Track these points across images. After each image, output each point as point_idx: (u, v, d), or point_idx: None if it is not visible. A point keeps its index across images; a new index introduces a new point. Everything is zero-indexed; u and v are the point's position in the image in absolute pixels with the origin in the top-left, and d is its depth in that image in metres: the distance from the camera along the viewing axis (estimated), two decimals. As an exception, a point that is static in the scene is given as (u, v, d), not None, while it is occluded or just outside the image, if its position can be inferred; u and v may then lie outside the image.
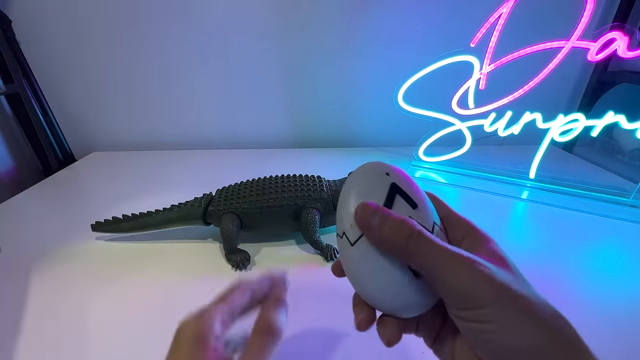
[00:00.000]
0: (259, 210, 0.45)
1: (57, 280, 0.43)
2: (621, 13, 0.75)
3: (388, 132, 0.91)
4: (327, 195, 0.47)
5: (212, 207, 0.47)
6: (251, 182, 0.49)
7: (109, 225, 0.49)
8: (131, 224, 0.48)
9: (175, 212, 0.48)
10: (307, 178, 0.49)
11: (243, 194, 0.47)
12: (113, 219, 0.49)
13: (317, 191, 0.47)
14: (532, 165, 0.67)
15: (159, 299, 0.40)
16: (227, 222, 0.45)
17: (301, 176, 0.49)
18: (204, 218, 0.48)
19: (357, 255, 0.20)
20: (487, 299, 0.16)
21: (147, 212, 0.49)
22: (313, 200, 0.46)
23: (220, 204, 0.47)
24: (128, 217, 0.49)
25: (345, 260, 0.21)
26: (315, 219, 0.45)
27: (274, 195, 0.46)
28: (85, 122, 0.87)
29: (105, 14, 0.74)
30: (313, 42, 0.79)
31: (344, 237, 0.21)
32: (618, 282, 0.43)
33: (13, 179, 0.78)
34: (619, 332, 0.35)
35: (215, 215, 0.47)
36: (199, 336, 0.20)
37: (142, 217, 0.48)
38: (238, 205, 0.46)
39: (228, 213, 0.46)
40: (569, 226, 0.55)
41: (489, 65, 0.62)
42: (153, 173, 0.75)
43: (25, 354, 0.33)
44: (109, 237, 0.51)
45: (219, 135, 0.91)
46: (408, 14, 0.77)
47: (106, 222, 0.49)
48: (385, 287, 0.19)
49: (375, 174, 0.21)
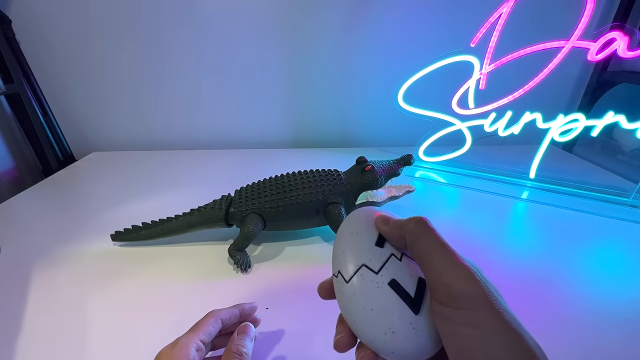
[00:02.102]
0: (281, 208, 0.45)
1: (57, 281, 0.43)
2: (621, 13, 0.75)
3: (388, 132, 0.91)
4: (346, 188, 0.47)
5: (234, 208, 0.47)
6: (269, 180, 0.49)
7: (129, 234, 0.48)
8: (151, 231, 0.47)
9: (195, 216, 0.47)
10: (325, 173, 0.49)
11: (264, 193, 0.46)
12: (132, 227, 0.48)
13: (337, 185, 0.47)
14: (532, 165, 0.67)
15: (164, 300, 0.40)
16: (250, 223, 0.45)
17: (318, 171, 0.49)
18: (226, 220, 0.47)
19: (352, 292, 0.20)
20: (479, 304, 0.16)
21: (167, 218, 0.48)
22: (334, 194, 0.46)
23: (242, 205, 0.46)
24: (147, 225, 0.48)
25: (341, 299, 0.21)
26: (342, 213, 0.46)
27: (296, 192, 0.45)
28: (85, 122, 0.87)
29: (106, 14, 0.74)
30: (313, 42, 0.79)
31: (339, 275, 0.21)
32: (618, 282, 0.43)
33: (13, 179, 0.78)
34: (619, 332, 0.35)
35: (237, 217, 0.46)
36: None
37: (162, 224, 0.47)
38: (260, 204, 0.45)
39: (252, 214, 0.46)
40: (569, 226, 0.55)
41: (489, 65, 0.62)
42: (153, 173, 0.75)
43: (25, 353, 0.33)
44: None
45: (219, 136, 0.91)
46: (408, 14, 0.77)
47: (126, 232, 0.48)
48: (380, 323, 0.19)
49: (367, 217, 0.23)
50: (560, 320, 0.37)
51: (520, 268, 0.45)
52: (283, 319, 0.36)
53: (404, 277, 0.20)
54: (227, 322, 0.29)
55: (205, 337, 0.27)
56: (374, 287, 0.20)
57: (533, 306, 0.39)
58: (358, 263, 0.21)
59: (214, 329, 0.28)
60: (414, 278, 0.20)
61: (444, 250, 0.18)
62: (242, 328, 0.29)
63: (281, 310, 0.37)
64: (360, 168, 0.48)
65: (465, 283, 0.16)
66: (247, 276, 0.43)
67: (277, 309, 0.38)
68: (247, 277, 0.43)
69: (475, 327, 0.15)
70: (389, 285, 0.19)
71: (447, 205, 0.62)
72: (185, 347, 0.25)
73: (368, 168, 0.48)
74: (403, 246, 0.21)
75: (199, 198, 0.51)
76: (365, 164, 0.49)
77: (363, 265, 0.20)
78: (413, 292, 0.19)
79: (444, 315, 0.17)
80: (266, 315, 0.35)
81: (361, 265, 0.20)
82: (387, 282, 0.20)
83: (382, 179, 0.48)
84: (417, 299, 0.19)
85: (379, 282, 0.20)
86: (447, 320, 0.17)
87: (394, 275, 0.20)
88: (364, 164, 0.49)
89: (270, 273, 0.44)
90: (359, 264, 0.21)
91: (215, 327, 0.28)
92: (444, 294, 0.17)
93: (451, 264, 0.17)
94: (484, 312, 0.16)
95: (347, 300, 0.20)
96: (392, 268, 0.20)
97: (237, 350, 0.27)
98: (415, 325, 0.18)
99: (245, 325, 0.30)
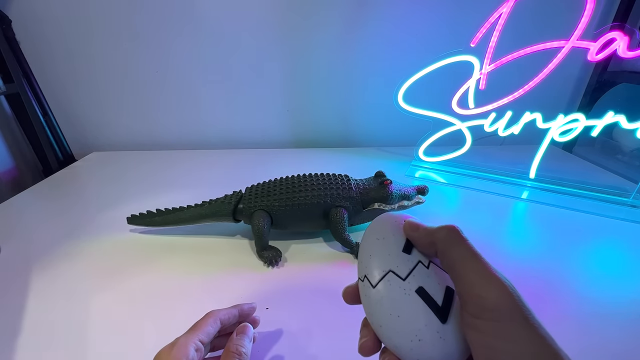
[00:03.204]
0: (289, 207, 0.46)
1: (57, 280, 0.43)
2: (621, 13, 0.75)
3: (388, 132, 0.91)
4: (355, 194, 0.48)
5: (243, 204, 0.48)
6: (280, 180, 0.50)
7: (143, 218, 0.50)
8: (163, 218, 0.50)
9: (205, 208, 0.49)
10: (335, 177, 0.49)
11: (273, 192, 0.47)
12: (147, 212, 0.50)
13: (346, 190, 0.47)
14: (532, 165, 0.67)
15: (165, 298, 0.40)
16: (258, 220, 0.46)
17: (329, 175, 0.50)
18: (234, 215, 0.48)
19: (378, 297, 0.20)
20: (514, 317, 0.16)
21: (180, 207, 0.50)
22: (342, 198, 0.47)
23: (251, 202, 0.47)
24: (161, 211, 0.50)
25: (367, 303, 0.21)
26: (344, 217, 0.46)
27: (304, 193, 0.46)
28: (85, 122, 0.87)
29: (106, 14, 0.74)
30: (313, 41, 0.79)
31: (365, 280, 0.21)
32: (618, 282, 0.43)
33: (13, 179, 0.78)
34: (619, 332, 0.35)
35: (245, 213, 0.48)
36: None
37: (174, 212, 0.50)
38: (268, 202, 0.46)
39: (259, 210, 0.47)
40: (569, 226, 0.55)
41: (489, 65, 0.62)
42: (153, 173, 0.75)
43: (25, 353, 0.33)
44: (109, 236, 0.51)
45: (219, 136, 0.91)
46: (408, 13, 0.76)
47: (140, 216, 0.51)
48: (406, 330, 0.19)
49: (395, 222, 0.23)
50: (560, 320, 0.37)
51: (520, 268, 0.45)
52: (283, 319, 0.36)
53: (432, 285, 0.20)
54: (226, 322, 0.29)
55: (204, 337, 0.27)
56: (401, 293, 0.20)
57: (533, 306, 0.38)
58: (385, 268, 0.21)
59: (213, 329, 0.28)
60: (441, 286, 0.20)
61: (476, 261, 0.18)
62: (241, 328, 0.30)
63: (282, 310, 0.37)
64: (378, 181, 0.49)
65: (499, 296, 0.16)
66: (248, 275, 0.43)
67: (278, 309, 0.38)
68: (248, 276, 0.43)
69: (509, 340, 0.15)
70: (416, 293, 0.19)
71: (447, 205, 0.62)
72: (184, 347, 0.25)
73: (386, 182, 0.49)
74: (432, 254, 0.21)
75: (199, 198, 0.51)
76: (385, 178, 0.49)
77: (390, 271, 0.20)
78: (440, 300, 0.19)
79: (475, 326, 0.17)
80: (266, 315, 0.35)
81: (388, 271, 0.21)
82: (414, 289, 0.20)
83: (395, 196, 0.49)
84: (444, 307, 0.19)
85: (406, 289, 0.20)
86: (479, 331, 0.17)
87: (421, 283, 0.20)
88: (383, 177, 0.50)
89: (274, 273, 0.44)
90: (386, 270, 0.21)
91: (214, 328, 0.28)
92: (477, 305, 0.17)
93: (484, 275, 0.17)
94: (519, 326, 0.15)
95: (373, 305, 0.20)
96: (420, 275, 0.20)
97: (237, 350, 0.27)
98: (442, 334, 0.18)
99: (244, 326, 0.30)
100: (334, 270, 0.44)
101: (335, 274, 0.43)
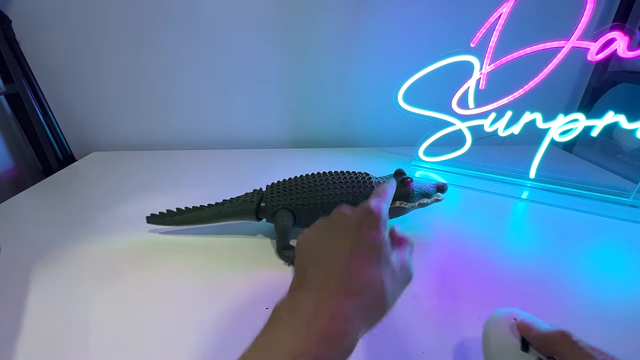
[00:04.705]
0: (311, 206, 0.46)
1: (57, 280, 0.43)
2: (621, 13, 0.75)
3: (388, 132, 0.91)
4: None
5: (265, 203, 0.48)
6: (301, 178, 0.50)
7: (163, 217, 0.50)
8: (184, 217, 0.49)
9: (227, 206, 0.49)
10: (356, 175, 0.49)
11: (295, 190, 0.47)
12: (167, 211, 0.50)
13: (368, 188, 0.47)
14: (532, 165, 0.67)
15: (164, 299, 0.40)
16: (281, 218, 0.46)
17: (349, 172, 0.49)
18: (256, 213, 0.48)
19: None
20: None
21: (200, 206, 0.49)
22: (364, 196, 0.47)
23: (274, 200, 0.47)
24: (181, 210, 0.50)
25: None
26: None
27: (327, 191, 0.46)
28: (85, 122, 0.87)
29: (106, 15, 0.74)
30: (313, 42, 0.79)
31: None
32: (618, 282, 0.43)
33: (13, 179, 0.78)
34: (620, 332, 0.35)
35: (268, 211, 0.48)
36: None
37: (195, 211, 0.49)
38: (292, 201, 0.46)
39: (282, 209, 0.47)
40: (569, 226, 0.55)
41: (489, 65, 0.62)
42: (153, 173, 0.75)
43: (26, 353, 0.33)
44: (110, 236, 0.51)
45: (219, 136, 0.91)
46: (408, 14, 0.76)
47: (160, 215, 0.50)
48: None
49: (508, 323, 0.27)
50: (560, 320, 0.37)
51: (520, 268, 0.45)
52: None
53: None
54: None
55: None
56: None
57: (533, 306, 0.38)
58: None
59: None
60: None
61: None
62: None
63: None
64: (398, 179, 0.49)
65: None
66: (250, 274, 0.43)
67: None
68: (250, 275, 0.43)
69: None
70: None
71: (447, 205, 0.62)
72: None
73: (407, 180, 0.48)
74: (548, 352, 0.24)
75: (200, 198, 0.51)
76: (405, 176, 0.49)
77: None
78: None
79: None
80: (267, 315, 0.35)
81: None
82: None
83: (416, 194, 0.49)
84: None
85: None
86: None
87: None
88: (403, 175, 0.49)
89: (276, 273, 0.44)
90: None
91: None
92: None
93: None
94: None
95: None
96: None
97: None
98: None
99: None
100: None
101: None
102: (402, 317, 0.36)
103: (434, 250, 0.48)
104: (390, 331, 0.34)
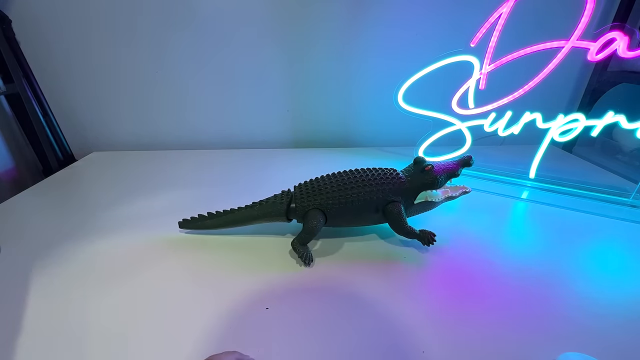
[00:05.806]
0: (342, 205, 0.46)
1: (57, 280, 0.43)
2: (621, 13, 0.75)
3: (388, 132, 0.91)
4: (406, 187, 0.47)
5: (295, 203, 0.48)
6: (328, 177, 0.49)
7: (195, 222, 0.50)
8: (215, 221, 0.50)
9: (257, 209, 0.49)
10: (384, 171, 0.49)
11: (325, 190, 0.47)
12: (199, 216, 0.50)
13: (397, 184, 0.47)
14: (532, 165, 0.67)
15: (163, 301, 0.40)
16: (313, 219, 0.46)
17: (377, 169, 0.49)
18: (286, 214, 0.48)
19: None
20: None
21: (230, 210, 0.50)
22: (394, 193, 0.47)
23: (304, 201, 0.47)
24: (212, 215, 0.50)
25: None
26: (402, 210, 0.46)
27: (357, 190, 0.46)
28: (85, 122, 0.87)
29: (106, 14, 0.74)
30: (313, 41, 0.79)
31: None
32: (618, 282, 0.43)
33: (13, 179, 0.78)
34: (620, 332, 0.35)
35: (299, 212, 0.48)
36: None
37: (226, 215, 0.50)
38: (322, 201, 0.47)
39: (313, 209, 0.47)
40: (569, 226, 0.55)
41: (489, 65, 0.62)
42: (153, 173, 0.75)
43: (26, 353, 0.33)
44: (110, 236, 0.51)
45: (219, 136, 0.91)
46: (409, 13, 0.76)
47: (192, 220, 0.50)
48: None
49: None
50: (560, 320, 0.37)
51: (520, 268, 0.45)
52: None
53: None
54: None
55: None
56: None
57: (533, 306, 0.39)
58: None
59: None
60: None
61: None
62: None
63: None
64: (419, 168, 0.48)
65: None
66: (250, 274, 0.43)
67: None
68: (250, 275, 0.43)
69: None
70: None
71: (447, 205, 0.62)
72: None
73: (428, 168, 0.48)
74: None
75: (200, 198, 0.51)
76: (425, 164, 0.48)
77: None
78: None
79: None
80: (267, 315, 0.35)
81: None
82: None
83: (442, 179, 0.48)
84: None
85: None
86: None
87: None
88: (423, 163, 0.48)
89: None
90: None
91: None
92: None
93: None
94: None
95: None
96: None
97: None
98: None
99: None
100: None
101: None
102: (402, 317, 0.36)
103: (433, 249, 0.48)
104: (390, 331, 0.34)
